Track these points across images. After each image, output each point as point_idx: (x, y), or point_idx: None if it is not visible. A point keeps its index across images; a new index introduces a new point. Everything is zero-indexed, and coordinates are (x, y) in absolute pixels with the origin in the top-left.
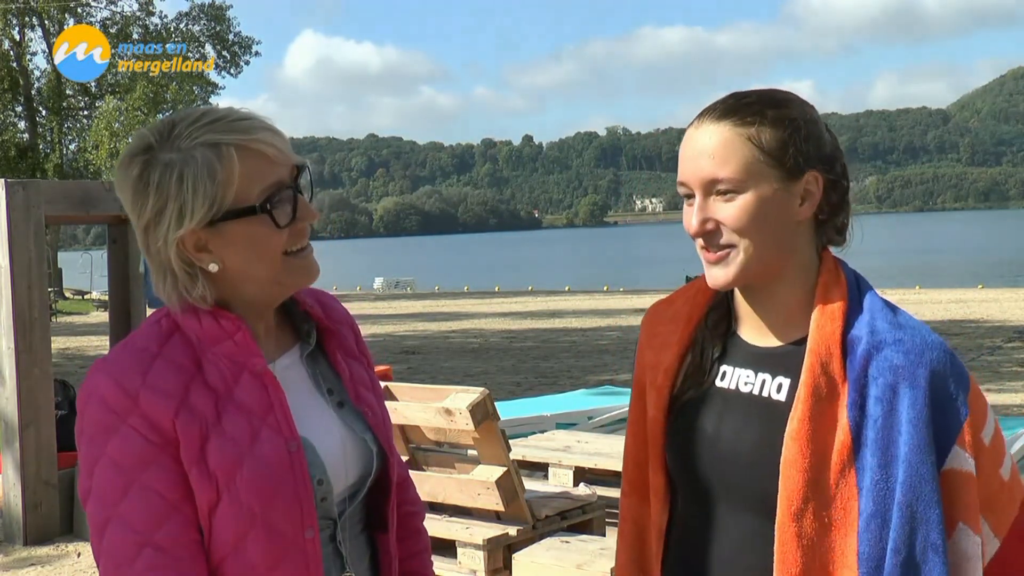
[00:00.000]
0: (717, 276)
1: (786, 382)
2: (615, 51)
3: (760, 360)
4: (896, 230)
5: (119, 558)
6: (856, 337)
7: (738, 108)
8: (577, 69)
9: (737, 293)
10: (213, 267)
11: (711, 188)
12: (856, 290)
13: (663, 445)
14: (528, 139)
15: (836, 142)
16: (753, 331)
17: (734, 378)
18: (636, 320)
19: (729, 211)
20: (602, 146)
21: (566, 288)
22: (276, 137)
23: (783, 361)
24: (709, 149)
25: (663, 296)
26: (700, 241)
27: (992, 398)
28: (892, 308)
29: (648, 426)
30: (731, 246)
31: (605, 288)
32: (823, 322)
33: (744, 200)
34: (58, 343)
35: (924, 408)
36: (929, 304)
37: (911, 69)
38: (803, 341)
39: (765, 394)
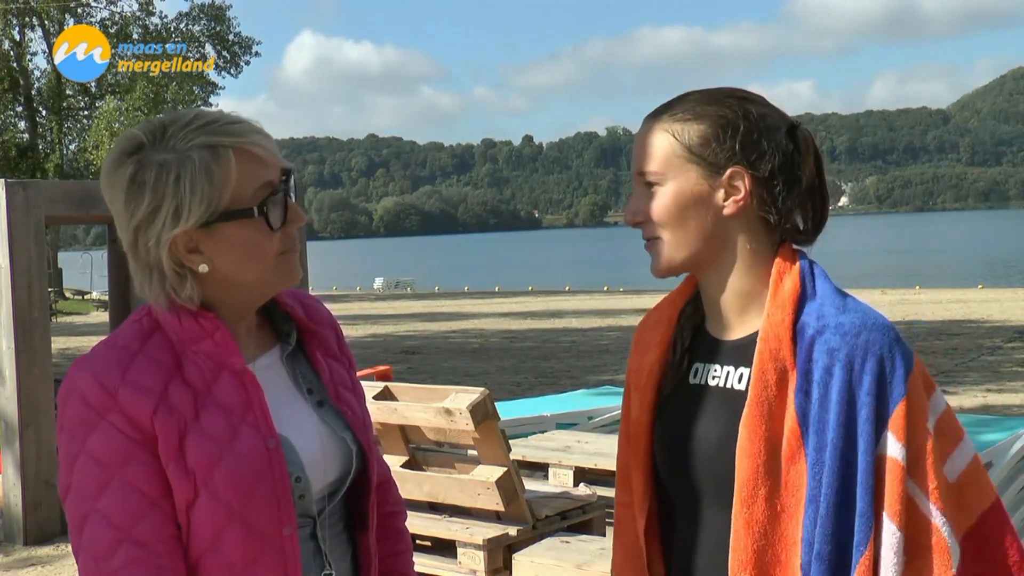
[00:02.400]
0: (652, 267)
1: (747, 372)
2: (614, 51)
3: (725, 353)
4: (896, 230)
5: (98, 553)
6: (805, 323)
7: (676, 105)
8: (577, 69)
9: (701, 288)
10: (203, 268)
11: (640, 180)
12: (810, 279)
13: (645, 448)
14: (528, 139)
15: (789, 144)
16: (717, 325)
17: (704, 373)
18: (636, 320)
19: (652, 203)
20: (602, 146)
21: (566, 288)
22: (267, 140)
23: (744, 352)
24: (641, 143)
25: (663, 295)
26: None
27: (992, 398)
28: (843, 295)
29: (631, 428)
30: (656, 237)
31: (605, 288)
32: (773, 311)
33: (663, 192)
34: (58, 343)
35: (852, 391)
36: (929, 304)
37: (911, 69)
38: None
39: (729, 386)
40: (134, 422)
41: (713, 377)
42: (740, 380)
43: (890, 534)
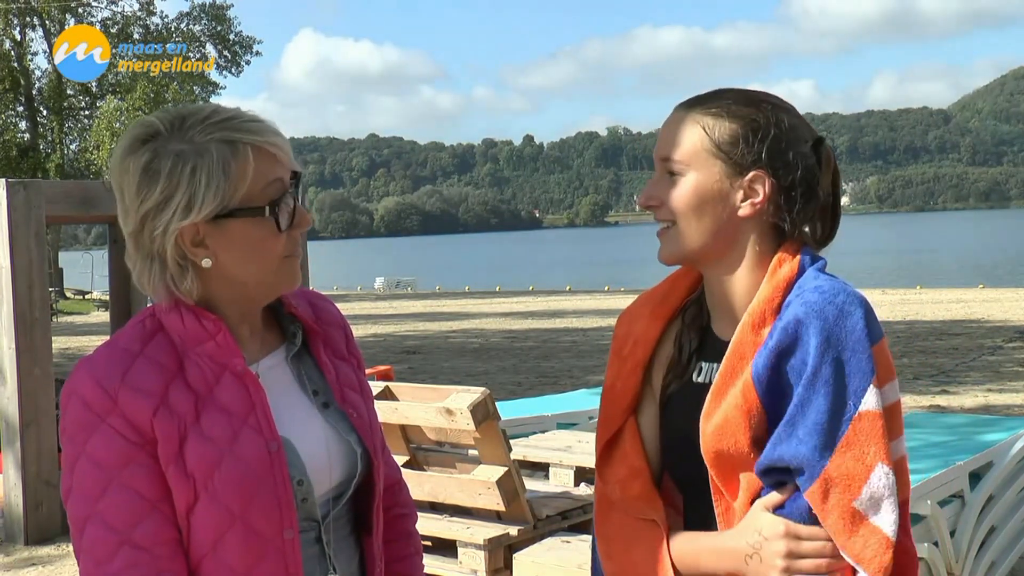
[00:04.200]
0: (660, 251)
1: None
2: (613, 51)
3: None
4: (897, 230)
5: (98, 556)
6: (787, 300)
7: (710, 99)
8: (577, 69)
9: (706, 287)
10: (206, 262)
11: (664, 166)
12: (809, 266)
13: (625, 420)
14: (529, 139)
15: (812, 158)
16: (723, 325)
17: (708, 372)
18: None
19: (671, 190)
20: (603, 146)
21: (567, 288)
22: (284, 141)
23: None
24: (670, 130)
25: None
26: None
27: (993, 398)
28: (829, 276)
29: (607, 394)
30: (670, 223)
31: (606, 288)
32: (764, 288)
33: (684, 182)
34: (59, 343)
35: (822, 350)
36: (930, 304)
37: (911, 69)
38: None
39: None
40: (134, 425)
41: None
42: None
43: (883, 474)
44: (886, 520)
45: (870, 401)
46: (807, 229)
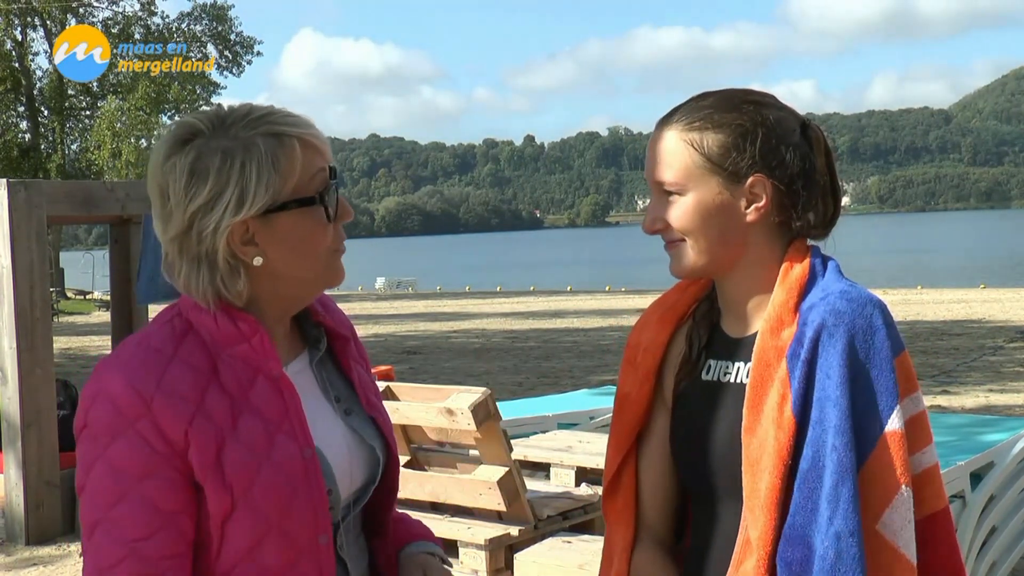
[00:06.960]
0: (671, 266)
1: None
2: (613, 51)
3: (737, 349)
4: (898, 230)
5: (102, 562)
6: (808, 303)
7: (690, 112)
8: (576, 69)
9: (717, 287)
10: (257, 261)
11: (660, 188)
12: (821, 267)
13: (636, 432)
14: (530, 139)
15: (804, 145)
16: (732, 323)
17: (716, 370)
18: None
19: (673, 212)
20: (604, 146)
21: (568, 288)
22: (323, 135)
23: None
24: (658, 152)
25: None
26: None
27: (994, 398)
28: (849, 281)
29: (620, 402)
30: (680, 241)
31: (607, 288)
32: (779, 292)
33: (685, 202)
34: (60, 343)
35: (850, 361)
36: (931, 304)
37: (912, 69)
38: None
39: (739, 380)
40: (164, 434)
41: (726, 373)
42: (748, 375)
43: (907, 496)
44: (907, 542)
45: (894, 421)
46: (811, 217)
